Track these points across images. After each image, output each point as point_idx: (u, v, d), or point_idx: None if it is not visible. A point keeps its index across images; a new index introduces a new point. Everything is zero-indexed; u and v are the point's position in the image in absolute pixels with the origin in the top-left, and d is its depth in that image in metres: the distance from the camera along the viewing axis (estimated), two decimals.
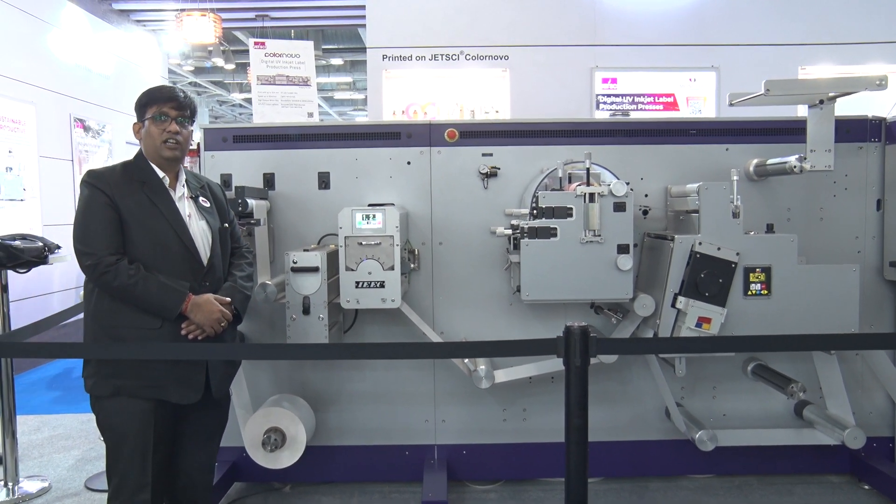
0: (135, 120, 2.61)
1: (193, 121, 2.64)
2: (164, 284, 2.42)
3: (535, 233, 2.88)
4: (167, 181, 2.56)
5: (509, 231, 3.07)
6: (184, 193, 2.60)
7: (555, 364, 3.17)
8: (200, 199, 2.68)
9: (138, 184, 2.50)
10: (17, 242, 3.62)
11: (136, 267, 2.40)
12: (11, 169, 6.53)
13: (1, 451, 3.62)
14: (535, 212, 2.93)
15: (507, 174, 3.36)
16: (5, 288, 3.77)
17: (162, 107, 2.55)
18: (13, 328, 3.77)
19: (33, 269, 3.68)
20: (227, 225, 2.70)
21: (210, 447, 2.68)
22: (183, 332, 2.48)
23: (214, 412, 2.65)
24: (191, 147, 3.45)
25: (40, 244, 3.68)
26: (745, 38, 7.04)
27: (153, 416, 2.45)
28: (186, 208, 2.59)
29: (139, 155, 2.60)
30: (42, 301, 6.59)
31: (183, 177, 2.65)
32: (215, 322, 2.50)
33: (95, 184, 2.46)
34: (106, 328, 2.44)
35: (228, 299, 2.56)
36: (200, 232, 2.59)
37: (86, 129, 7.67)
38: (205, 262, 2.57)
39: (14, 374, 3.70)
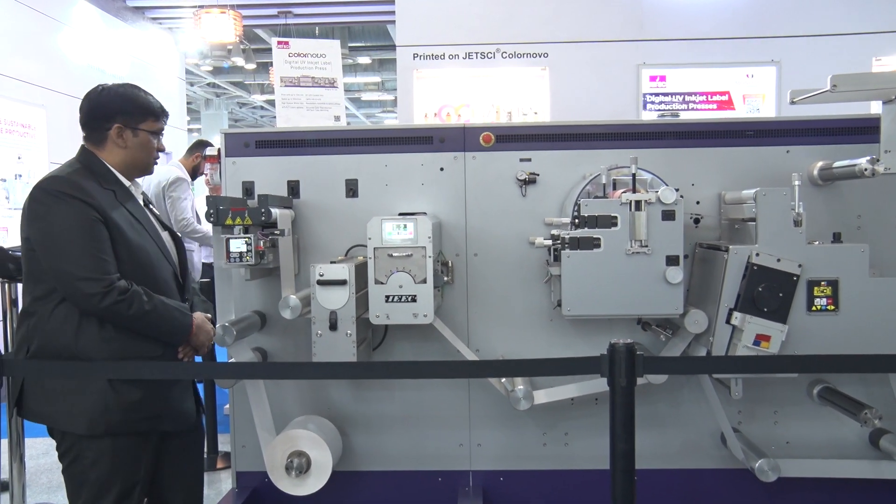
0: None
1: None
2: (175, 309, 2.46)
3: (577, 243, 2.92)
4: (133, 189, 2.59)
5: (549, 241, 3.12)
6: (141, 202, 2.65)
7: (599, 384, 3.20)
8: (151, 206, 2.74)
9: (110, 192, 2.48)
10: None
11: (145, 291, 2.40)
12: (21, 176, 6.74)
13: (7, 477, 3.74)
14: (576, 221, 2.98)
15: (547, 181, 3.42)
16: (14, 302, 3.91)
17: (158, 123, 2.63)
18: None
19: None
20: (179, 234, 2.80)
21: (197, 473, 2.74)
22: (181, 356, 2.56)
23: (195, 435, 2.73)
24: (211, 153, 3.58)
25: None
26: (810, 29, 6.98)
27: (141, 452, 2.47)
28: (150, 219, 2.63)
29: (94, 159, 2.53)
30: None
31: (139, 185, 2.69)
32: (209, 342, 2.61)
33: (79, 195, 2.37)
34: (101, 361, 2.41)
35: (209, 315, 2.67)
36: (168, 244, 2.66)
37: None
38: (180, 277, 2.65)
39: None
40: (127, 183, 2.53)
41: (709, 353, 3.01)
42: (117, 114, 2.54)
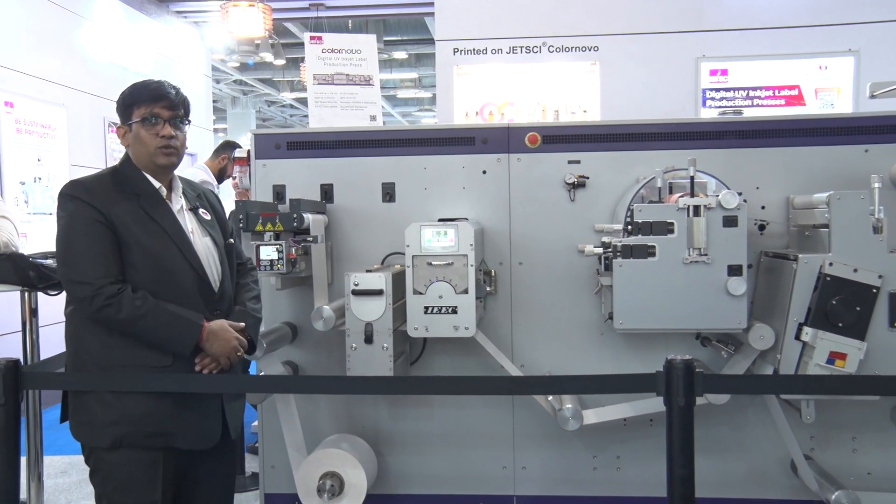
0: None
1: (189, 121, 2.66)
2: (177, 314, 2.45)
3: (630, 251, 2.93)
4: (163, 192, 2.60)
5: (600, 249, 3.13)
6: (182, 205, 2.65)
7: (654, 404, 3.20)
8: (200, 210, 2.72)
9: (132, 196, 2.51)
10: (49, 261, 3.83)
11: (142, 295, 2.41)
12: (40, 179, 6.94)
13: (25, 497, 3.83)
14: (629, 227, 2.99)
15: (598, 184, 3.43)
16: (34, 312, 4.02)
17: (152, 107, 2.54)
18: (42, 357, 4.03)
19: (64, 291, 3.90)
20: (231, 241, 2.77)
21: (227, 496, 2.77)
22: (198, 368, 2.53)
23: (228, 455, 2.73)
24: (240, 155, 3.66)
25: None
26: (893, 14, 6.85)
27: (160, 468, 2.49)
28: (188, 223, 2.63)
29: (127, 162, 2.59)
30: None
31: (179, 186, 2.68)
32: (232, 351, 2.54)
33: (82, 197, 2.44)
34: (104, 369, 2.46)
35: (242, 324, 2.62)
36: (206, 250, 2.63)
37: None
38: (215, 286, 2.63)
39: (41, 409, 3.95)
40: (157, 185, 2.59)
41: (776, 371, 2.99)
42: (119, 115, 2.62)
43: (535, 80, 7.22)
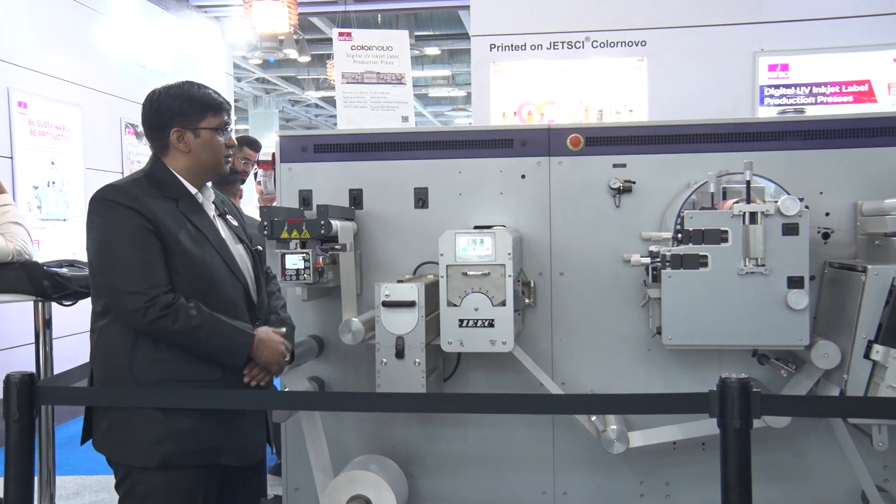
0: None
1: None
2: (230, 324, 2.53)
3: (681, 261, 2.93)
4: (199, 197, 2.70)
5: (647, 259, 3.13)
6: (213, 212, 2.75)
7: (707, 426, 3.18)
8: (228, 216, 2.83)
9: (171, 201, 2.60)
10: (64, 270, 3.89)
11: (195, 305, 2.48)
12: (54, 183, 7.07)
13: None
14: (679, 235, 2.99)
15: (645, 189, 3.44)
16: (48, 323, 4.10)
17: (222, 116, 2.70)
18: (56, 371, 4.10)
19: (79, 301, 3.92)
20: (260, 248, 2.86)
21: None
22: (247, 380, 2.62)
23: (259, 472, 2.82)
24: (266, 159, 3.73)
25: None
26: None
27: (202, 487, 2.55)
28: (221, 230, 2.73)
29: (161, 166, 2.68)
30: (88, 339, 7.08)
31: (211, 192, 2.78)
32: (280, 358, 2.64)
33: (124, 202, 2.51)
34: (150, 384, 2.51)
35: (283, 330, 2.71)
36: (240, 258, 2.74)
37: (138, 135, 8.21)
38: (253, 295, 2.73)
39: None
40: (193, 190, 2.67)
41: (843, 393, 2.97)
42: (173, 117, 2.66)
43: (577, 78, 7.23)
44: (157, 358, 2.50)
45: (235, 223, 2.83)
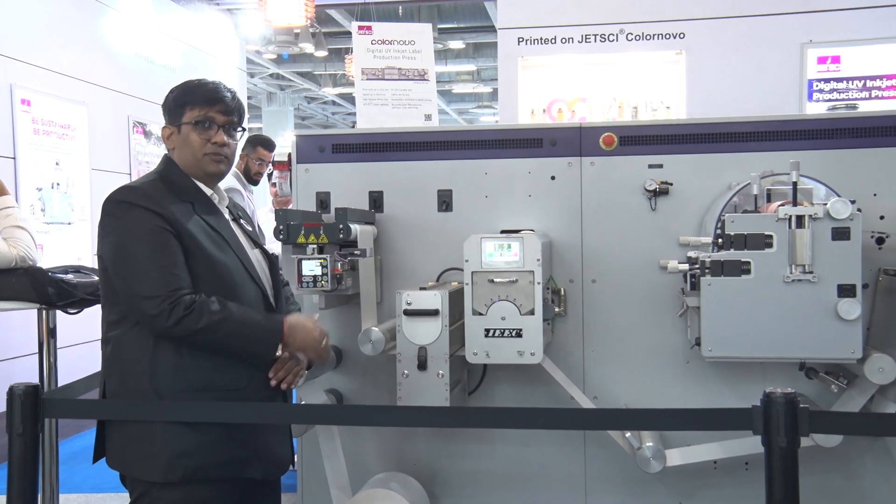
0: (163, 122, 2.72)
1: (243, 128, 2.79)
2: (256, 314, 2.57)
3: (721, 268, 2.93)
4: (215, 199, 2.73)
5: (685, 266, 3.12)
6: (227, 215, 2.79)
7: (750, 444, 3.17)
8: (241, 220, 2.86)
9: (187, 204, 2.62)
10: (70, 276, 3.93)
11: (217, 299, 2.50)
12: (58, 185, 7.14)
13: None
14: (720, 240, 2.98)
15: (683, 191, 3.43)
16: (53, 332, 4.14)
17: (207, 110, 2.66)
18: (60, 382, 4.15)
19: (85, 310, 3.94)
20: (276, 253, 2.90)
21: None
22: (274, 382, 2.64)
23: (276, 487, 2.83)
24: (281, 159, 3.76)
25: (96, 279, 3.89)
26: None
27: (224, 502, 2.58)
28: (238, 234, 2.76)
29: (172, 167, 2.70)
30: (94, 349, 7.15)
31: (225, 195, 2.81)
32: (316, 343, 2.66)
33: (143, 203, 2.52)
34: (175, 394, 2.52)
35: (317, 315, 2.76)
36: (257, 263, 2.76)
37: (147, 134, 8.30)
38: (272, 301, 2.76)
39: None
40: (209, 192, 2.71)
41: None
42: (166, 114, 2.72)
43: (610, 73, 7.22)
44: (179, 365, 2.52)
45: (249, 228, 2.86)
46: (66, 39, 7.36)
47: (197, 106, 2.66)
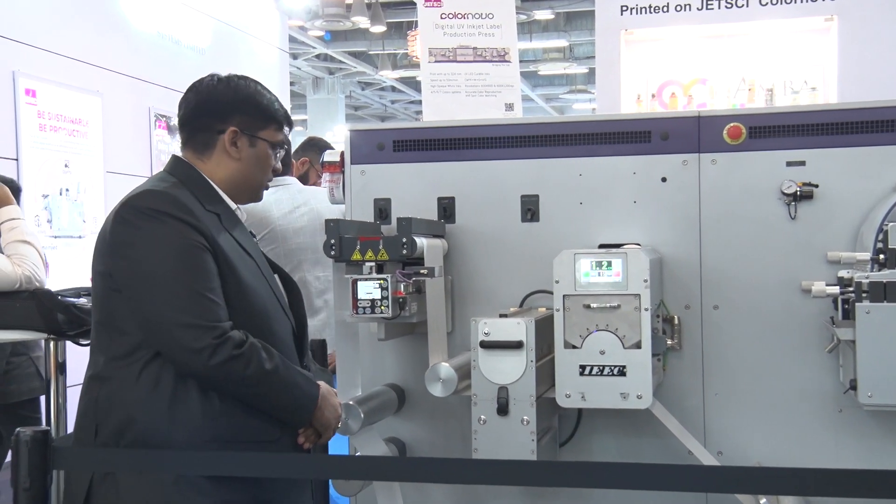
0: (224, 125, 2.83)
1: None
2: (302, 372, 2.69)
3: (884, 291, 2.89)
4: (239, 214, 2.85)
5: (835, 289, 3.09)
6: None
7: None
8: (257, 240, 3.01)
9: (214, 216, 2.73)
10: (83, 301, 4.03)
11: (265, 346, 2.60)
12: (67, 191, 7.32)
13: None
14: (881, 256, 2.96)
15: (831, 195, 3.40)
16: (62, 367, 4.25)
17: (282, 133, 2.91)
18: (71, 427, 4.25)
19: None
20: (293, 278, 3.02)
21: None
22: (301, 441, 2.79)
23: None
24: (331, 160, 3.82)
25: None
26: None
27: None
28: (263, 255, 2.91)
29: (192, 171, 2.80)
30: None
31: (243, 212, 2.93)
32: (336, 422, 2.82)
33: (176, 213, 2.61)
34: (197, 445, 2.60)
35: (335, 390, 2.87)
36: (281, 291, 2.89)
37: (171, 129, 8.44)
38: (298, 335, 2.89)
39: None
40: (233, 206, 2.81)
41: None
42: (234, 113, 2.81)
43: (738, 48, 7.15)
44: (206, 412, 2.59)
45: (267, 249, 2.98)
46: (77, 18, 7.52)
47: (280, 127, 2.89)
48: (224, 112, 2.80)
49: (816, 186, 3.39)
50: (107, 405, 2.66)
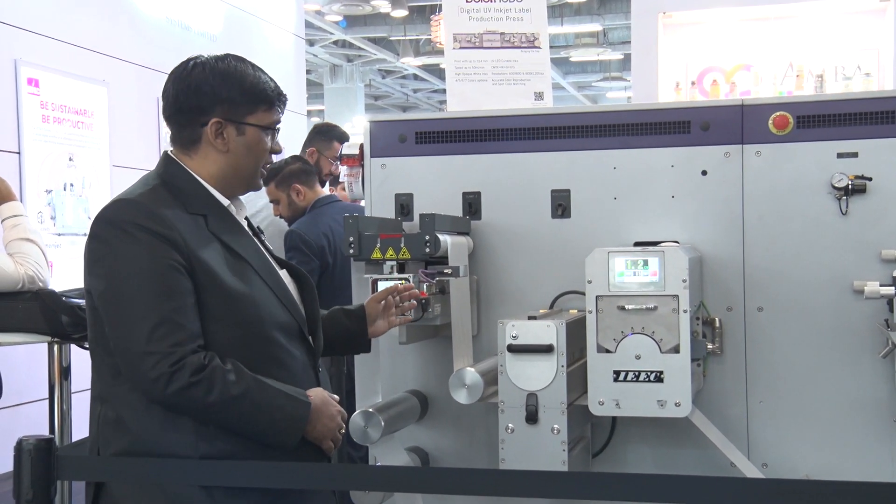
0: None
1: None
2: (282, 390, 2.61)
3: None
4: (232, 210, 2.79)
5: (890, 289, 3.08)
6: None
7: None
8: (262, 236, 2.95)
9: (199, 218, 2.67)
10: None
11: (234, 367, 2.54)
12: (72, 186, 7.35)
13: None
14: None
15: (886, 188, 3.38)
16: (66, 371, 4.28)
17: (274, 113, 2.80)
18: (76, 436, 4.29)
19: None
20: (307, 275, 2.98)
21: None
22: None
23: None
24: (351, 152, 3.82)
25: None
26: None
27: None
28: (263, 253, 2.83)
29: (178, 169, 2.75)
30: None
31: (243, 205, 2.88)
32: (335, 433, 2.75)
33: (148, 225, 2.54)
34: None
35: (337, 397, 2.81)
36: (289, 288, 2.85)
37: None
38: (308, 334, 2.84)
39: None
40: (226, 202, 2.77)
41: None
42: (216, 102, 2.73)
43: (785, 31, 7.13)
44: (204, 435, 2.58)
45: (270, 245, 2.94)
46: (82, 4, 7.54)
47: (269, 106, 2.78)
48: (204, 102, 2.72)
49: (870, 179, 3.38)
50: (106, 428, 2.66)
